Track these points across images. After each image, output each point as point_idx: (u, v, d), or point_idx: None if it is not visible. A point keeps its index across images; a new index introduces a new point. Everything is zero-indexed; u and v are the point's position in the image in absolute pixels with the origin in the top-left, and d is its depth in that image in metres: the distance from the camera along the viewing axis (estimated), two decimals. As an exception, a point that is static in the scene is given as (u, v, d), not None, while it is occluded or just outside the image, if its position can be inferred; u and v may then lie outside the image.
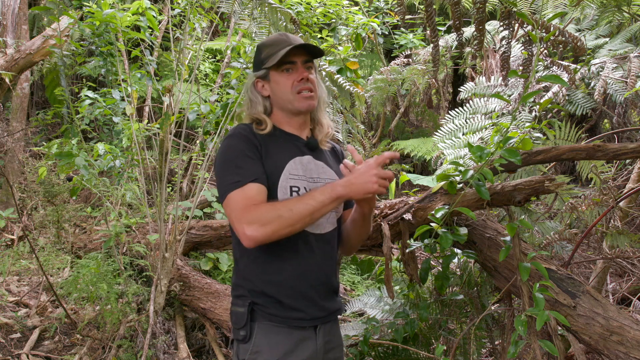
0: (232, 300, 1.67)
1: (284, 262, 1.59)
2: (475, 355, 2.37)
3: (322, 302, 1.63)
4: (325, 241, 1.65)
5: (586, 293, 2.04)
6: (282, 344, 1.57)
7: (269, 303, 1.59)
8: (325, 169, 1.69)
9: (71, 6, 5.89)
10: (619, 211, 2.93)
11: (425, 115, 8.49)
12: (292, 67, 1.64)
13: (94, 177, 3.35)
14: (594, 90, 3.73)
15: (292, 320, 1.59)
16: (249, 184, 1.52)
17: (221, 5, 3.06)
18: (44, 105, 8.63)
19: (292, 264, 1.59)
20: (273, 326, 1.59)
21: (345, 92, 2.95)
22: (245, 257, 1.63)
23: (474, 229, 2.33)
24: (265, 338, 1.58)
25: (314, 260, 1.61)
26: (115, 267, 3.57)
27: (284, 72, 1.64)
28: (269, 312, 1.58)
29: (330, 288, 1.67)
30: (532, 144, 2.25)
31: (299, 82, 1.63)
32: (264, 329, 1.59)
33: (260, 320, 1.59)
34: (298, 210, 1.44)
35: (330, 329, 1.69)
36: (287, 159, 1.61)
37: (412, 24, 7.45)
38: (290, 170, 1.60)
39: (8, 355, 3.22)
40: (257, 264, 1.61)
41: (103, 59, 3.44)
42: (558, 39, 2.63)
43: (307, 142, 1.68)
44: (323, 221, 1.63)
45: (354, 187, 1.44)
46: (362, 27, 4.97)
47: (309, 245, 1.60)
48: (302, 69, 1.64)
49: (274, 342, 1.57)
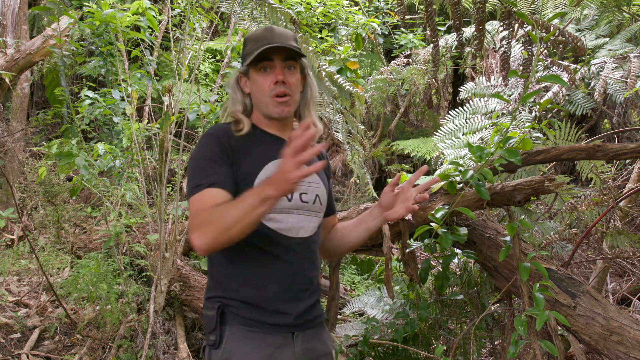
0: (204, 303, 1.58)
1: (263, 267, 1.50)
2: (475, 355, 2.37)
3: (302, 308, 1.54)
4: (306, 245, 1.56)
5: (586, 293, 2.04)
6: (257, 350, 1.47)
7: (243, 306, 1.49)
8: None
9: (71, 6, 5.89)
10: (619, 211, 2.93)
11: (425, 115, 8.49)
12: (270, 66, 1.53)
13: (94, 177, 3.35)
14: (594, 90, 3.73)
15: (268, 325, 1.49)
16: (207, 189, 1.43)
17: (221, 5, 3.06)
18: (44, 105, 8.63)
19: (272, 269, 1.50)
20: (246, 331, 1.48)
21: (345, 92, 2.95)
22: (219, 260, 1.54)
23: (474, 229, 2.33)
24: (238, 343, 1.48)
25: (294, 265, 1.53)
26: (115, 267, 3.57)
27: (261, 71, 1.53)
28: (242, 315, 1.49)
29: (310, 294, 1.58)
30: (532, 144, 2.25)
31: (275, 84, 1.52)
32: (236, 334, 1.48)
33: (231, 324, 1.49)
34: (230, 215, 1.34)
35: (313, 337, 1.58)
36: (264, 162, 1.51)
37: (412, 24, 7.45)
38: (266, 173, 1.48)
39: (8, 355, 3.22)
40: (233, 268, 1.52)
41: (103, 59, 3.45)
42: (558, 39, 2.63)
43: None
44: (305, 225, 1.55)
45: (277, 185, 1.30)
46: (362, 27, 4.98)
47: (289, 249, 1.52)
48: (279, 70, 1.53)
49: (247, 348, 1.47)
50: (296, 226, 1.53)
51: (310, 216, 1.57)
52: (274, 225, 1.50)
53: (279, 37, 1.53)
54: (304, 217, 1.55)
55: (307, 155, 1.25)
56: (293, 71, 1.56)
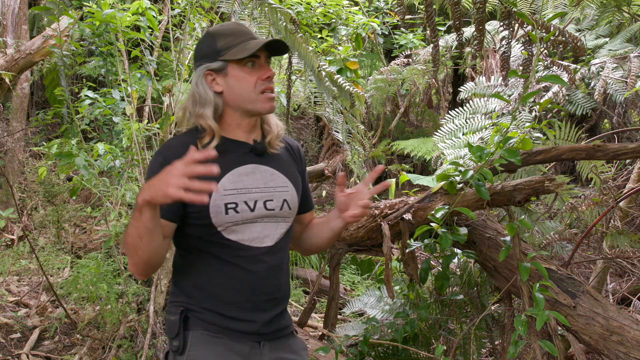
0: (167, 307, 1.53)
1: (226, 278, 1.45)
2: (475, 355, 2.37)
3: (268, 317, 1.48)
4: (273, 253, 1.49)
5: (586, 293, 2.04)
6: (222, 356, 1.42)
7: (206, 312, 1.45)
8: (275, 175, 1.50)
9: (71, 6, 5.89)
10: (619, 211, 2.93)
11: (425, 115, 8.49)
12: (256, 62, 1.44)
13: (94, 177, 3.35)
14: (594, 90, 3.73)
15: (233, 332, 1.44)
16: None
17: (221, 5, 3.06)
18: (44, 105, 8.63)
19: (236, 280, 1.45)
20: (210, 336, 1.43)
21: (345, 92, 2.94)
22: (183, 269, 1.50)
23: (474, 229, 2.33)
24: (202, 350, 1.43)
25: (258, 275, 1.46)
26: (115, 267, 3.57)
27: (247, 66, 1.44)
28: (206, 321, 1.44)
29: (278, 302, 1.52)
30: (532, 144, 2.25)
31: (264, 80, 1.44)
32: (201, 340, 1.44)
33: (195, 329, 1.44)
34: (128, 233, 1.28)
35: (283, 347, 1.53)
36: (222, 174, 1.41)
37: (412, 24, 7.45)
38: (224, 186, 1.41)
39: (8, 355, 3.22)
40: (197, 278, 1.47)
41: (103, 59, 3.44)
42: (558, 39, 2.63)
43: (252, 148, 1.49)
44: (270, 233, 1.47)
45: (152, 190, 1.19)
46: (362, 27, 4.98)
47: (254, 259, 1.45)
48: (266, 65, 1.46)
49: (212, 355, 1.42)
50: (260, 235, 1.46)
51: (278, 222, 1.49)
52: (235, 237, 1.43)
53: (253, 33, 1.49)
54: (270, 225, 1.48)
55: (199, 170, 1.16)
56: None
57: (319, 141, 8.80)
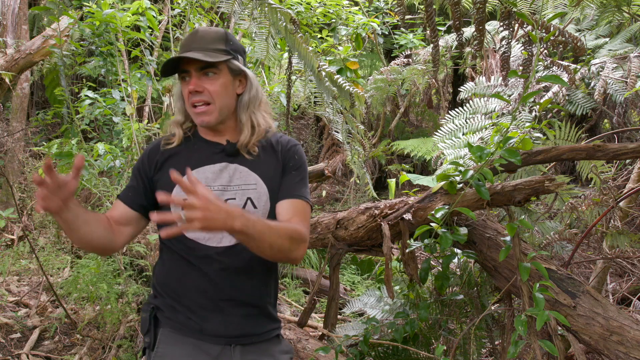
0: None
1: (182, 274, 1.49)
2: (475, 355, 2.37)
3: (231, 319, 1.48)
4: (233, 254, 1.47)
5: (586, 293, 2.04)
6: (190, 356, 1.45)
7: (170, 310, 1.49)
8: (244, 173, 1.50)
9: (71, 6, 5.89)
10: (619, 211, 2.93)
11: (425, 115, 8.50)
12: (187, 75, 1.46)
13: (94, 177, 3.35)
14: (594, 90, 3.73)
15: (197, 332, 1.46)
16: (116, 200, 1.56)
17: (221, 5, 3.06)
18: (44, 105, 8.64)
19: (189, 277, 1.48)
20: (177, 335, 1.47)
21: (345, 92, 2.94)
22: (156, 264, 1.59)
23: (474, 229, 2.33)
24: (170, 347, 1.46)
25: (211, 274, 1.46)
26: (115, 267, 3.57)
27: (182, 80, 1.48)
28: (171, 319, 1.49)
29: (241, 305, 1.50)
30: (532, 144, 2.25)
31: (190, 94, 1.46)
32: (169, 338, 1.47)
33: (164, 326, 1.49)
34: None
35: (261, 351, 1.52)
36: (190, 167, 1.46)
37: (412, 24, 7.45)
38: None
39: (8, 355, 3.22)
40: (164, 274, 1.53)
41: (103, 59, 3.45)
42: (558, 39, 2.63)
43: (223, 148, 1.52)
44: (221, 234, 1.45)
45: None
46: (362, 27, 4.98)
47: (208, 258, 1.46)
48: (194, 78, 1.44)
49: (179, 353, 1.45)
50: (217, 234, 1.45)
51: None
52: (193, 234, 1.45)
53: (199, 41, 1.45)
54: None
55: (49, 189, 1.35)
56: (213, 77, 1.45)
57: (319, 141, 8.81)
